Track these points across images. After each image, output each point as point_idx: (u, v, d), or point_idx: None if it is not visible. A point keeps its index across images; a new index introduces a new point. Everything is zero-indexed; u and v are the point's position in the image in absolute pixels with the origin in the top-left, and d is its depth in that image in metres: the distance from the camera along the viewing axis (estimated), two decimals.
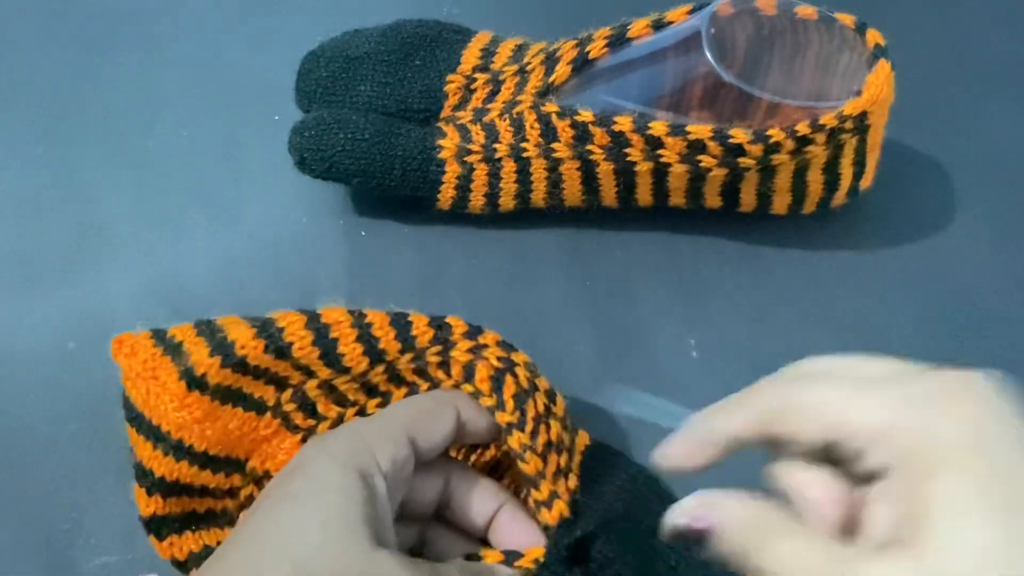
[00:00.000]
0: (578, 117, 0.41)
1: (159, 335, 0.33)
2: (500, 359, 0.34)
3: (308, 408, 0.35)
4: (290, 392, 0.35)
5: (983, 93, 0.50)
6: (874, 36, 0.41)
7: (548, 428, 0.34)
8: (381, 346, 0.34)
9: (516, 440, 0.33)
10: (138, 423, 0.33)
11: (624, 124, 0.40)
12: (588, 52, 0.41)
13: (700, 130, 0.39)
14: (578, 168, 0.42)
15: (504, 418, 0.34)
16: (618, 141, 0.41)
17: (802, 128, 0.39)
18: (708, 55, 0.39)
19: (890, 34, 0.41)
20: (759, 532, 0.25)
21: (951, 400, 0.24)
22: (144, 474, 0.33)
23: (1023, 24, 0.53)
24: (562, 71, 0.42)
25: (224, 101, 0.50)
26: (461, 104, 0.44)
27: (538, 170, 0.43)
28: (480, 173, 0.43)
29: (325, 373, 0.34)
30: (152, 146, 0.48)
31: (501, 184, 0.43)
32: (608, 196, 0.43)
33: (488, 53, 0.45)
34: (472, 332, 0.34)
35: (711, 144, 0.39)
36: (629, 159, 0.41)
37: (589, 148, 0.41)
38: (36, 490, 0.39)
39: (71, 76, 0.51)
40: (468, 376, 0.34)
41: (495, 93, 0.44)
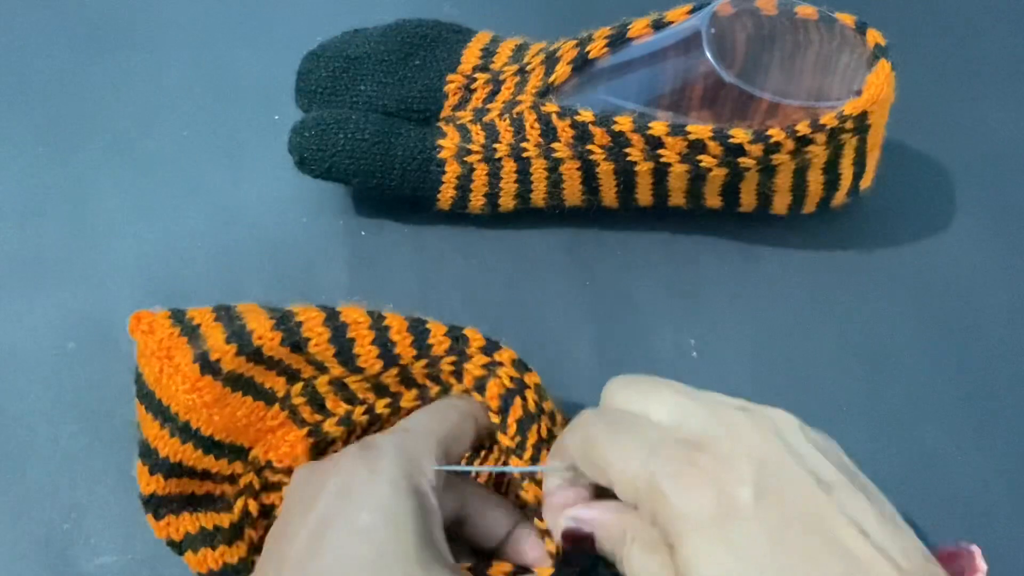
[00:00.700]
0: (578, 117, 0.41)
1: (177, 315, 0.33)
2: (513, 379, 0.34)
3: (317, 403, 0.35)
4: (300, 386, 0.35)
5: (983, 93, 0.50)
6: (874, 36, 0.41)
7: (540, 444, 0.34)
8: (397, 351, 0.34)
9: (515, 464, 0.34)
10: (148, 401, 0.33)
11: (624, 124, 0.40)
12: (588, 52, 0.41)
13: (700, 130, 0.39)
14: (578, 168, 0.42)
15: (505, 442, 0.34)
16: (618, 141, 0.41)
17: (802, 128, 0.39)
18: (708, 55, 0.39)
19: (890, 34, 0.41)
20: (619, 538, 0.29)
21: (700, 464, 0.26)
22: (149, 453, 0.33)
23: (1023, 24, 0.53)
24: (562, 71, 0.42)
25: (224, 101, 0.50)
26: (461, 104, 0.44)
27: (538, 170, 0.43)
28: (480, 173, 0.43)
29: (338, 371, 0.34)
30: (152, 146, 0.48)
31: (501, 184, 0.43)
32: (608, 196, 0.43)
33: (488, 53, 0.45)
34: (489, 347, 0.35)
35: (711, 144, 0.39)
36: (629, 159, 0.41)
37: (589, 148, 0.41)
38: (36, 490, 0.39)
39: (71, 76, 0.51)
40: (479, 389, 0.35)
41: (495, 93, 0.44)
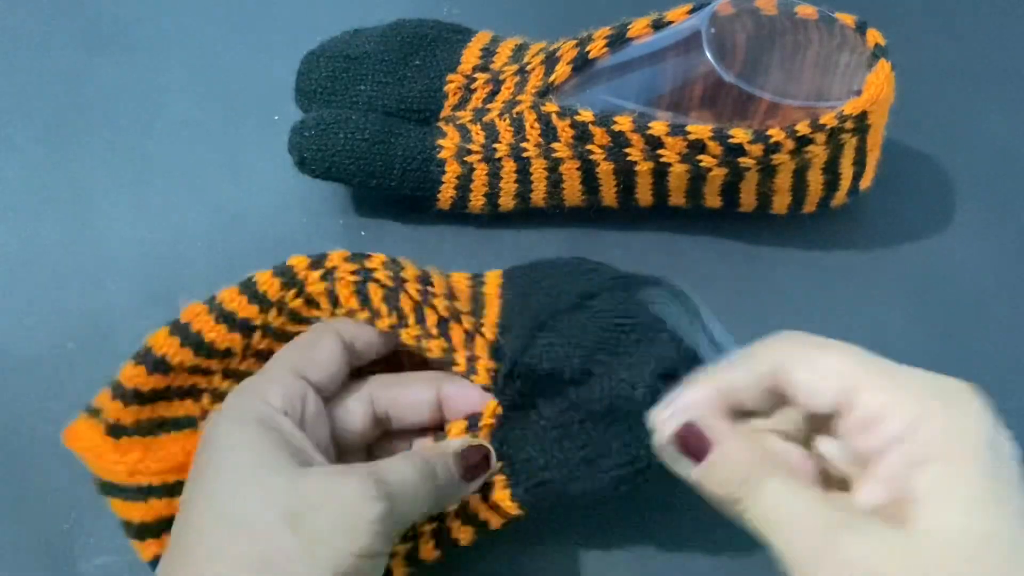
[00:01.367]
0: (578, 117, 0.41)
1: (90, 409, 0.34)
2: (355, 272, 0.35)
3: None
4: (208, 397, 0.35)
5: (983, 93, 0.50)
6: (874, 36, 0.41)
7: (434, 308, 0.35)
8: (264, 291, 0.35)
9: (406, 337, 0.35)
10: (104, 488, 0.34)
11: (624, 124, 0.40)
12: (588, 52, 0.41)
13: (700, 130, 0.39)
14: (578, 168, 0.42)
15: (384, 324, 0.35)
16: (618, 141, 0.41)
17: (802, 128, 0.39)
18: (708, 55, 0.39)
19: (890, 34, 0.41)
20: (750, 465, 0.27)
21: (947, 399, 0.26)
22: (128, 526, 0.34)
23: (1022, 24, 0.53)
24: (562, 71, 0.42)
25: (224, 101, 0.50)
26: (461, 104, 0.44)
27: (538, 170, 0.43)
28: (480, 173, 0.43)
29: (238, 352, 0.35)
30: (152, 146, 0.48)
31: (501, 184, 0.43)
32: (608, 196, 0.43)
33: (488, 53, 0.45)
34: (315, 262, 0.35)
35: (711, 144, 0.39)
36: (629, 159, 0.41)
37: (589, 148, 0.41)
38: (36, 490, 0.39)
39: (71, 76, 0.51)
40: (334, 302, 0.35)
41: (495, 93, 0.44)
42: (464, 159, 0.43)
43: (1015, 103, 0.50)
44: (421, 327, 0.35)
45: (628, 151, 0.41)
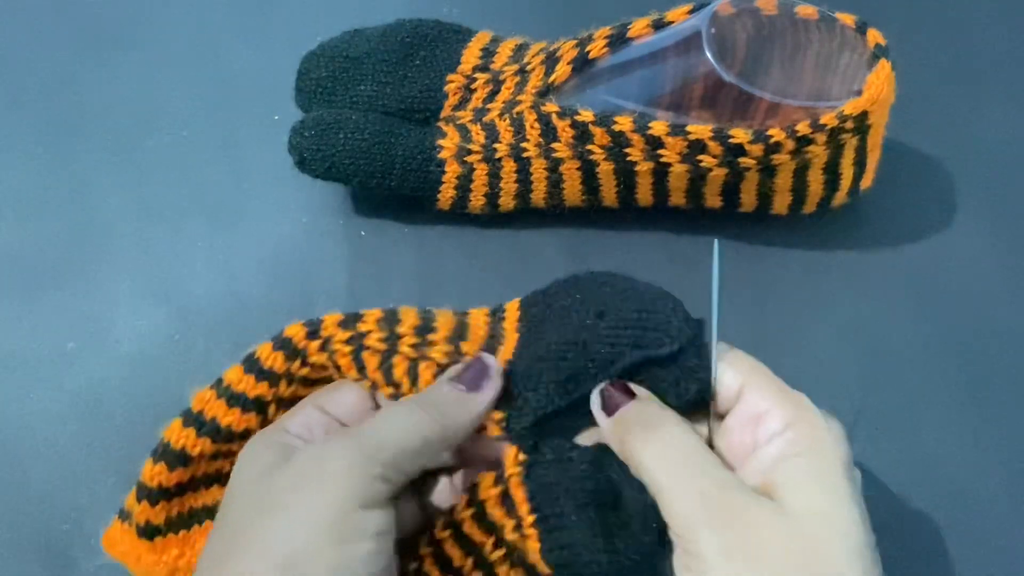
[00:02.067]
0: (578, 117, 0.41)
1: (121, 513, 0.34)
2: (348, 341, 0.34)
3: None
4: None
5: (983, 93, 0.50)
6: (874, 36, 0.41)
7: (431, 360, 0.34)
8: (270, 367, 0.34)
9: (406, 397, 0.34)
10: None
11: (624, 124, 0.40)
12: (588, 52, 0.41)
13: (700, 130, 0.39)
14: (578, 168, 0.42)
15: (385, 392, 0.34)
16: (618, 141, 0.41)
17: (802, 128, 0.39)
18: (708, 55, 0.39)
19: (890, 34, 0.41)
20: (665, 417, 0.31)
21: (818, 414, 0.31)
22: None
23: (1022, 24, 0.53)
24: (562, 71, 0.42)
25: (224, 101, 0.50)
26: (461, 104, 0.44)
27: (538, 170, 0.43)
28: (480, 173, 0.43)
29: (257, 428, 0.34)
30: (152, 146, 0.48)
31: (501, 184, 0.43)
32: (608, 196, 0.43)
33: (488, 53, 0.45)
34: (312, 332, 0.35)
35: (711, 144, 0.39)
36: (629, 159, 0.41)
37: (589, 148, 0.41)
38: (36, 490, 0.39)
39: (71, 76, 0.51)
40: (338, 369, 0.35)
41: (495, 93, 0.44)
42: (464, 159, 0.43)
43: (1015, 103, 0.50)
44: (416, 388, 0.34)
45: (628, 151, 0.41)
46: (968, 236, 0.46)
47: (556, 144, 0.42)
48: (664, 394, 0.33)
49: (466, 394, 0.32)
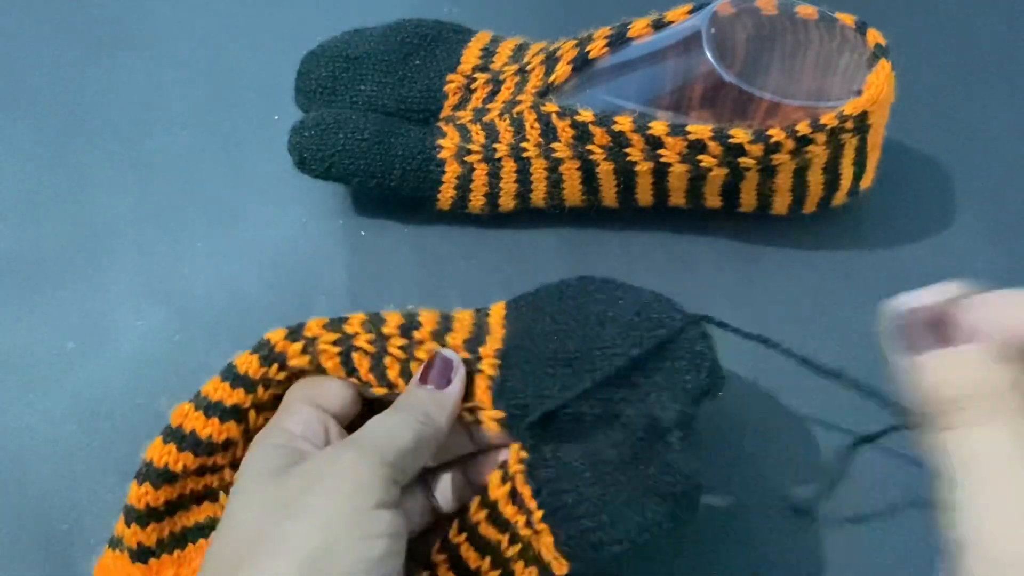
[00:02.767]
0: (578, 117, 0.41)
1: (112, 541, 0.34)
2: (336, 343, 0.34)
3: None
4: (224, 495, 0.35)
5: (983, 93, 0.50)
6: (874, 36, 0.41)
7: (419, 362, 0.34)
8: (245, 372, 0.34)
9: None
10: None
11: (624, 124, 0.40)
12: (588, 52, 0.41)
13: (700, 130, 0.39)
14: (578, 168, 0.42)
15: (377, 392, 0.35)
16: (618, 141, 0.41)
17: (802, 128, 0.39)
18: (708, 55, 0.39)
19: (890, 34, 0.41)
20: (997, 388, 0.25)
21: None
22: None
23: (1023, 24, 0.53)
24: (562, 71, 0.42)
25: (224, 101, 0.50)
26: (461, 104, 0.44)
27: (538, 170, 0.43)
28: (480, 173, 0.43)
29: (240, 439, 0.35)
30: (152, 146, 0.48)
31: (501, 184, 0.43)
32: (608, 196, 0.43)
33: (488, 53, 0.45)
34: (293, 332, 0.35)
35: (711, 144, 0.39)
36: (629, 159, 0.41)
37: (589, 148, 0.41)
38: (36, 490, 0.39)
39: (71, 76, 0.51)
40: (322, 372, 0.35)
41: (495, 93, 0.44)
42: (464, 159, 0.43)
43: (1015, 103, 0.50)
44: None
45: (628, 151, 0.41)
46: (968, 236, 0.46)
47: (556, 144, 0.42)
48: (675, 385, 0.33)
49: (438, 392, 0.34)
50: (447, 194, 0.44)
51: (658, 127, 0.40)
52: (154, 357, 0.42)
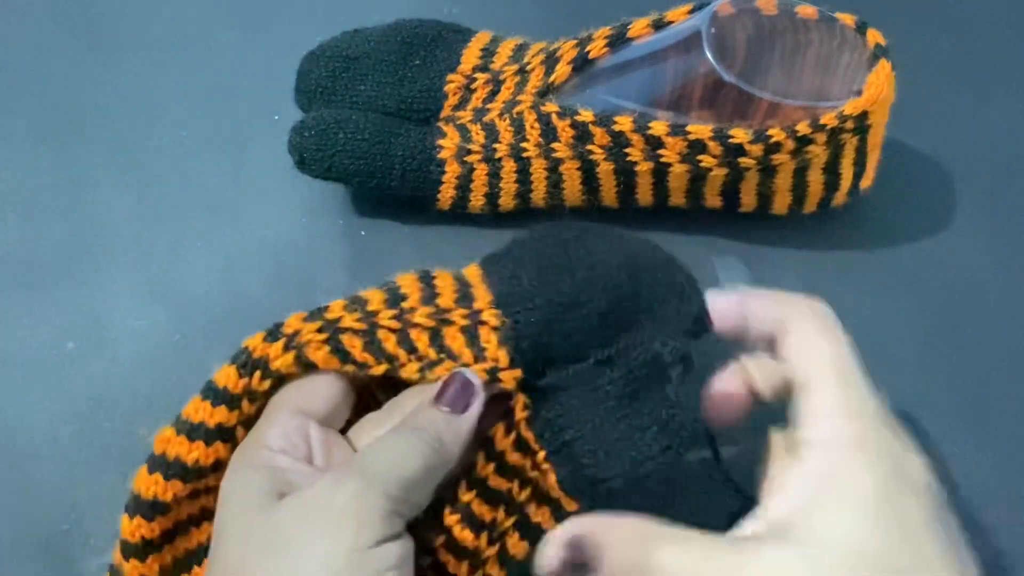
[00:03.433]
0: (578, 117, 0.41)
1: (112, 571, 0.33)
2: (321, 331, 0.32)
3: None
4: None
5: (983, 93, 0.50)
6: (874, 36, 0.41)
7: (418, 326, 0.32)
8: (224, 387, 0.33)
9: (408, 375, 0.32)
10: None
11: (624, 124, 0.40)
12: (588, 52, 0.41)
13: (700, 130, 0.39)
14: (578, 168, 0.42)
15: (377, 371, 0.32)
16: (618, 141, 0.41)
17: (802, 128, 0.39)
18: (708, 55, 0.39)
19: (890, 34, 0.41)
20: (644, 541, 0.28)
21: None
22: None
23: (1023, 24, 0.53)
24: (562, 71, 0.42)
25: (224, 101, 0.50)
26: (461, 104, 0.44)
27: (538, 170, 0.43)
28: (480, 173, 0.43)
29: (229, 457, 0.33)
30: (152, 146, 0.48)
31: (501, 184, 0.43)
32: (608, 196, 0.43)
33: (488, 53, 0.45)
34: (271, 332, 0.33)
35: (711, 144, 0.39)
36: (629, 159, 0.41)
37: (589, 148, 0.41)
38: (36, 490, 0.39)
39: (71, 76, 0.51)
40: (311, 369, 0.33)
41: (495, 93, 0.44)
42: (464, 159, 0.43)
43: (1015, 103, 0.50)
44: (414, 357, 0.32)
45: (628, 151, 0.41)
46: (968, 236, 0.46)
47: (556, 144, 0.42)
48: (670, 322, 0.33)
49: (455, 417, 0.31)
50: (447, 194, 0.44)
51: (658, 127, 0.40)
52: (154, 357, 0.42)
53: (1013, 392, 0.42)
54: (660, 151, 0.40)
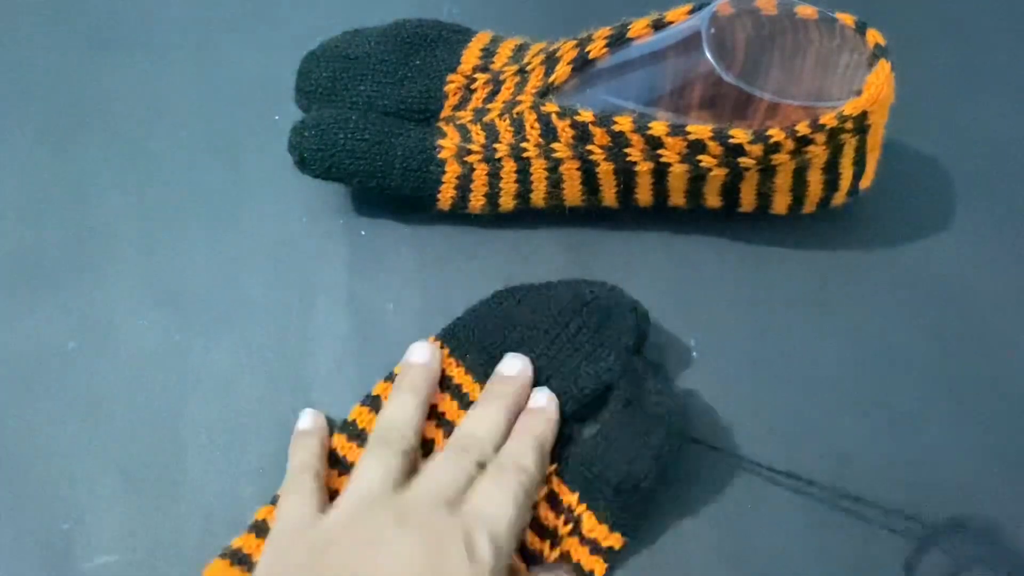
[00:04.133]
0: (578, 117, 0.41)
1: None
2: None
3: None
4: None
5: (983, 93, 0.50)
6: (874, 36, 0.41)
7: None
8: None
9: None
10: None
11: (624, 124, 0.40)
12: (588, 52, 0.41)
13: (700, 130, 0.39)
14: (578, 168, 0.42)
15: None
16: (618, 141, 0.41)
17: (802, 128, 0.39)
18: (708, 55, 0.39)
19: (890, 34, 0.41)
20: None
21: None
22: None
23: (1023, 24, 0.53)
24: (562, 71, 0.42)
25: (224, 101, 0.50)
26: (461, 104, 0.44)
27: (538, 170, 0.43)
28: (480, 173, 0.43)
29: None
30: (152, 146, 0.48)
31: (501, 184, 0.43)
32: (608, 196, 0.43)
33: (488, 53, 0.45)
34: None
35: (711, 144, 0.39)
36: (629, 159, 0.41)
37: (589, 148, 0.41)
38: (36, 490, 0.39)
39: (71, 76, 0.51)
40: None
41: (495, 93, 0.44)
42: (464, 159, 0.43)
43: (1015, 103, 0.50)
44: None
45: (628, 151, 0.41)
46: (968, 236, 0.46)
47: (556, 144, 0.42)
48: (613, 343, 0.39)
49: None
50: (447, 194, 0.44)
51: (658, 127, 0.40)
52: (154, 357, 0.42)
53: (1013, 392, 0.42)
54: (660, 151, 0.40)
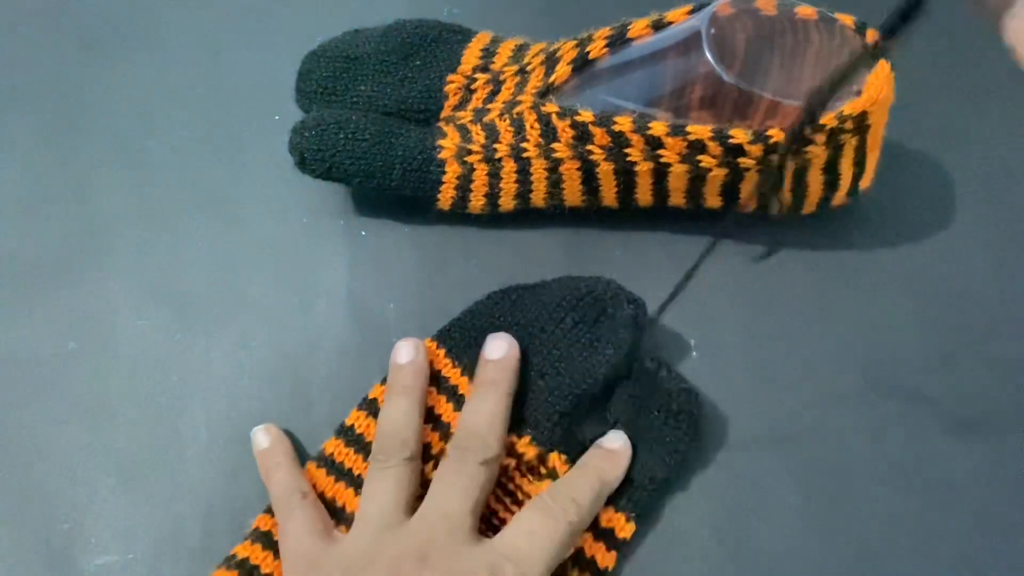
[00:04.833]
0: (578, 117, 0.41)
1: None
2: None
3: None
4: None
5: (983, 93, 0.50)
6: (874, 36, 0.41)
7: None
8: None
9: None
10: None
11: (624, 124, 0.40)
12: (588, 52, 0.41)
13: (700, 130, 0.39)
14: (578, 168, 0.42)
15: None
16: (618, 141, 0.41)
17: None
18: (708, 55, 0.39)
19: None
20: None
21: None
22: None
23: None
24: (562, 71, 0.42)
25: (224, 101, 0.50)
26: (461, 104, 0.44)
27: (538, 170, 0.43)
28: (480, 173, 0.43)
29: None
30: (152, 146, 0.48)
31: (501, 184, 0.43)
32: (608, 196, 0.43)
33: (488, 53, 0.45)
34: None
35: (711, 144, 0.39)
36: (629, 159, 0.41)
37: (589, 148, 0.41)
38: (36, 490, 0.40)
39: (71, 76, 0.51)
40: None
41: (495, 93, 0.44)
42: (464, 159, 0.43)
43: (1015, 103, 0.50)
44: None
45: (628, 151, 0.41)
46: (968, 236, 0.46)
47: (556, 144, 0.42)
48: (613, 344, 0.39)
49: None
50: (447, 194, 0.44)
51: (658, 127, 0.40)
52: (154, 357, 0.42)
53: (1012, 392, 0.42)
54: (660, 151, 0.40)
